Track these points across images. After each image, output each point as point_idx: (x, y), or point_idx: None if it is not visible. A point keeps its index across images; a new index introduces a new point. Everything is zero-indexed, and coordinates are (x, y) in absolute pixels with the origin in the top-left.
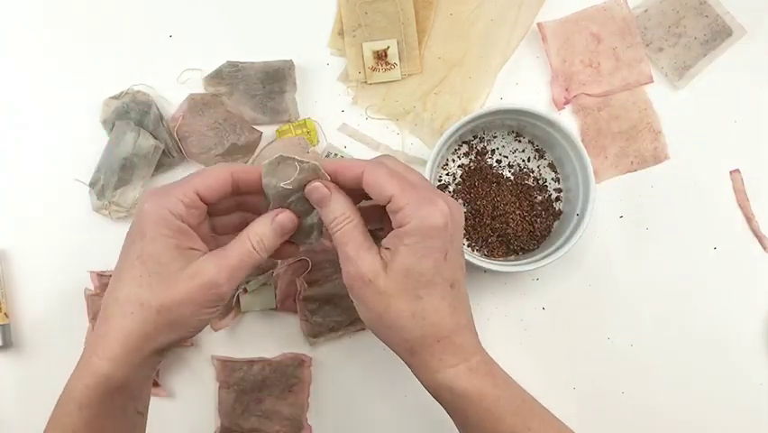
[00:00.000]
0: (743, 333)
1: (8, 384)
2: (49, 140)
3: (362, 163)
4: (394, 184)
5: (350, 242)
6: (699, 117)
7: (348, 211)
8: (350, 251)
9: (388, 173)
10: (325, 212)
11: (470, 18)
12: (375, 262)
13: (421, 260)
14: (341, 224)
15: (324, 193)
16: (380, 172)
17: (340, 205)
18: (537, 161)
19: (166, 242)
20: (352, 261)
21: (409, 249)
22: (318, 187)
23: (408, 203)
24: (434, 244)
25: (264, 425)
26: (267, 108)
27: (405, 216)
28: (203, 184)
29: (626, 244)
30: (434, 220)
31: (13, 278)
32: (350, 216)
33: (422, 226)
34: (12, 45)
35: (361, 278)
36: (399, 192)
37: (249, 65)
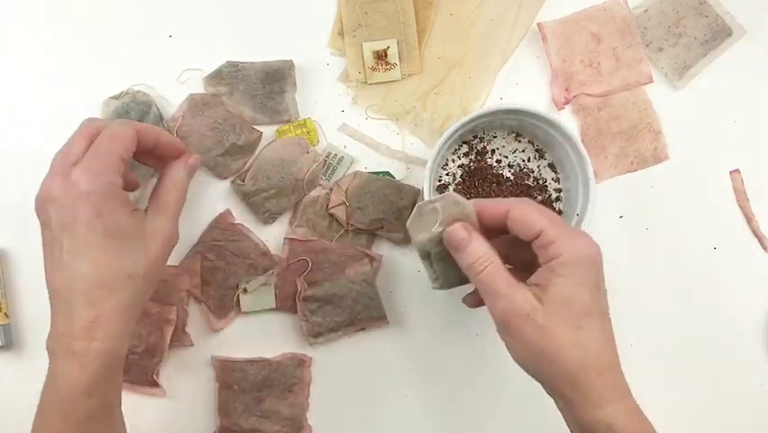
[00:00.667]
0: (743, 333)
1: (8, 384)
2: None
3: (507, 201)
4: (543, 219)
5: (497, 280)
6: (699, 117)
7: (489, 252)
8: (500, 288)
9: (536, 209)
10: (466, 254)
11: (470, 18)
12: (529, 296)
13: (579, 289)
14: (484, 264)
15: (462, 235)
16: (529, 209)
17: (481, 245)
18: (537, 161)
19: (123, 212)
20: (506, 297)
21: (566, 279)
22: (457, 229)
23: (560, 235)
24: (589, 275)
25: (264, 425)
26: (267, 108)
27: (558, 248)
28: (123, 148)
29: (626, 244)
30: (589, 250)
31: (13, 278)
32: (491, 256)
33: (577, 257)
34: (12, 45)
35: (518, 313)
36: (550, 226)
37: (249, 65)
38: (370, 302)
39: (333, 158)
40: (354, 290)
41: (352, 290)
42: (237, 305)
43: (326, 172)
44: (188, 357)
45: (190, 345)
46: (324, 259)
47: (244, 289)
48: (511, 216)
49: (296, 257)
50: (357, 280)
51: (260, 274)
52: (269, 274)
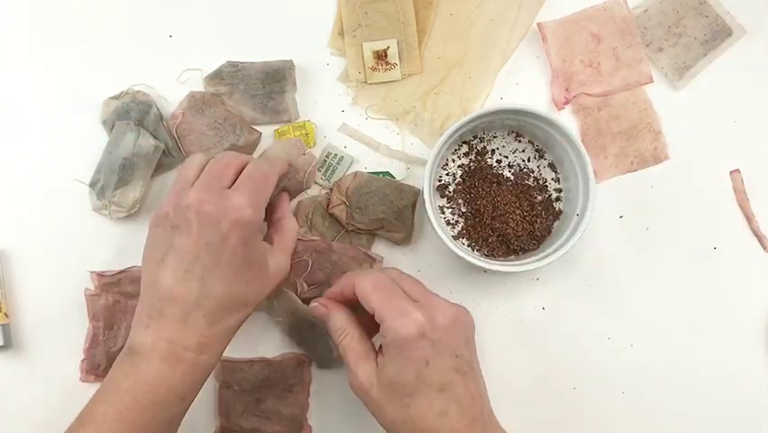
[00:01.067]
0: (743, 333)
1: (8, 384)
2: (49, 140)
3: (355, 277)
4: (375, 297)
5: (349, 353)
6: (699, 117)
7: (345, 325)
8: (350, 361)
9: (372, 286)
10: (328, 328)
11: (470, 18)
12: (370, 372)
13: (401, 371)
14: (340, 336)
15: (322, 312)
16: (365, 286)
17: (338, 319)
18: (537, 161)
19: (262, 247)
20: (352, 371)
21: (391, 361)
22: (316, 306)
23: (386, 316)
24: (412, 355)
25: (264, 425)
26: (267, 108)
27: (384, 330)
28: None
29: (626, 244)
30: (407, 331)
31: (13, 278)
32: (346, 329)
33: (396, 339)
34: (12, 45)
35: (359, 387)
36: (379, 306)
37: (249, 65)
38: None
39: (333, 158)
40: None
41: None
42: None
43: (326, 172)
44: None
45: None
46: (324, 259)
47: None
48: (356, 291)
49: (296, 257)
50: None
51: None
52: None
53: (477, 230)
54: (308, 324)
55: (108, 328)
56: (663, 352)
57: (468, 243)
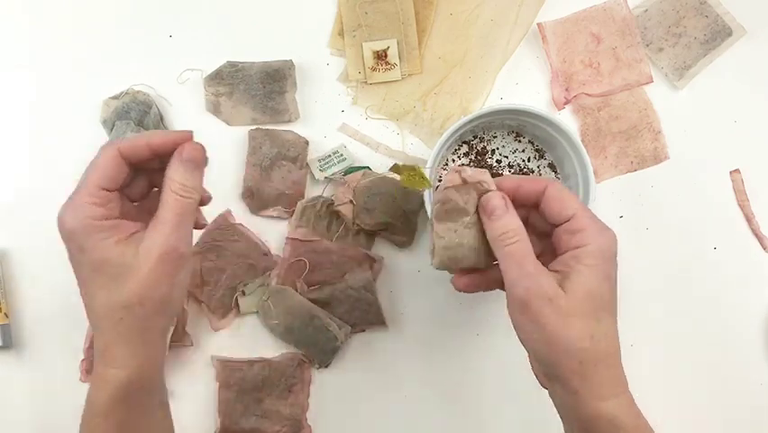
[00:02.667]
0: (743, 333)
1: (8, 384)
2: (49, 140)
3: (542, 180)
4: (576, 203)
5: (526, 257)
6: (699, 117)
7: (521, 228)
8: (528, 266)
9: (571, 194)
10: (498, 224)
11: (470, 18)
12: (553, 281)
13: (602, 282)
14: (513, 238)
15: (499, 203)
16: (565, 190)
17: (515, 219)
18: (537, 161)
19: (106, 243)
20: (531, 277)
21: (590, 270)
22: (494, 196)
23: (590, 224)
24: (611, 269)
25: (264, 425)
26: (267, 108)
27: (587, 237)
28: (101, 176)
29: (626, 244)
30: (614, 246)
31: (13, 278)
32: (523, 232)
33: (604, 250)
34: (12, 45)
35: (542, 295)
36: (582, 213)
37: (249, 65)
38: (369, 308)
39: (337, 155)
40: (353, 296)
41: (350, 296)
42: (237, 305)
43: (323, 163)
44: (188, 357)
45: (190, 345)
46: (325, 259)
47: (242, 291)
48: (548, 193)
49: (297, 257)
50: (356, 287)
51: (260, 274)
52: (266, 276)
53: None
54: (306, 320)
55: None
56: (663, 352)
57: None
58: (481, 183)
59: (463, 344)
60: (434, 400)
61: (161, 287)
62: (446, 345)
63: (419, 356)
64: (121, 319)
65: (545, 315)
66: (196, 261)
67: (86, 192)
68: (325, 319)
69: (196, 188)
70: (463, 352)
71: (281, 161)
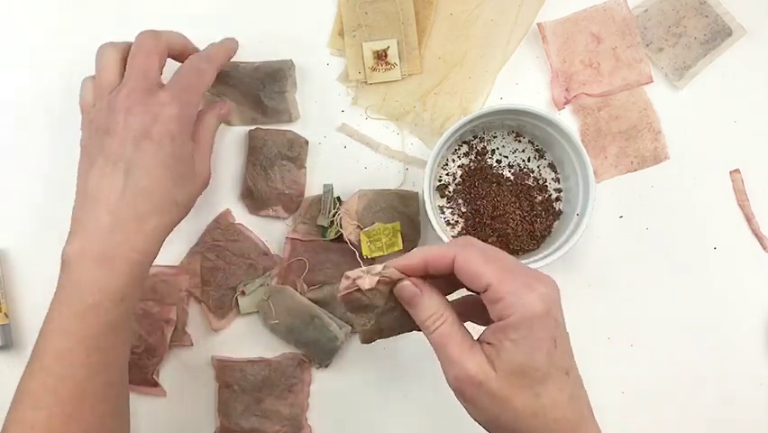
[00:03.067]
0: (743, 333)
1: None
2: (49, 140)
3: (452, 249)
4: (490, 270)
5: (449, 342)
6: (699, 117)
7: (441, 308)
8: (452, 352)
9: (482, 258)
10: (417, 312)
11: (470, 18)
12: (482, 361)
13: (533, 354)
14: (436, 322)
15: (413, 291)
16: (474, 258)
17: (433, 302)
18: (537, 161)
19: (189, 146)
20: (457, 363)
21: (517, 344)
22: (407, 286)
23: (508, 292)
24: (543, 335)
25: (264, 425)
26: (267, 108)
27: (506, 308)
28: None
29: (626, 244)
30: (539, 307)
31: (13, 278)
32: (443, 313)
33: (526, 318)
34: (12, 45)
35: (470, 381)
36: (497, 280)
37: (249, 65)
38: None
39: (327, 195)
40: None
41: None
42: (237, 305)
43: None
44: (188, 357)
45: (190, 345)
46: (325, 259)
47: (242, 291)
48: (457, 266)
49: (297, 257)
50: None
51: (260, 274)
52: (266, 276)
53: (477, 230)
54: (306, 320)
55: None
56: (663, 352)
57: None
58: (383, 276)
59: None
60: (434, 400)
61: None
62: None
63: (419, 356)
64: (168, 212)
65: (480, 400)
66: (195, 261)
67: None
68: (326, 319)
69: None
70: None
71: (281, 160)
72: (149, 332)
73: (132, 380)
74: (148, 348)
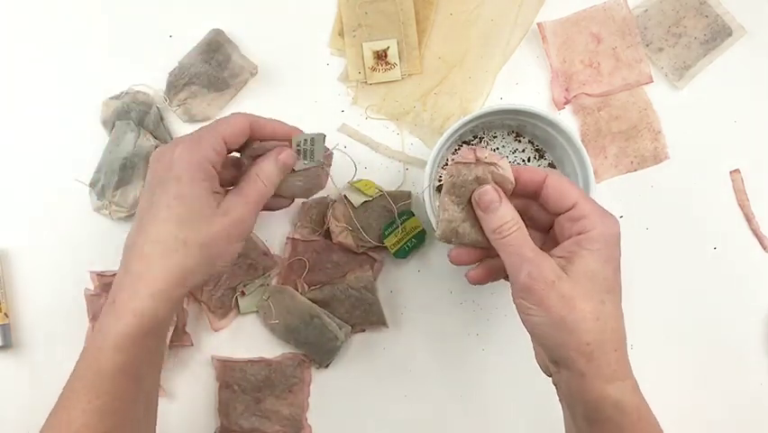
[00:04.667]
0: (743, 333)
1: (8, 384)
2: (49, 140)
3: (541, 170)
4: (577, 192)
5: (524, 244)
6: (699, 117)
7: (517, 217)
8: (527, 252)
9: (570, 182)
10: (494, 217)
11: (470, 18)
12: (554, 265)
13: (605, 265)
14: (512, 228)
15: (494, 197)
16: (564, 180)
17: (510, 210)
18: (537, 161)
19: (202, 185)
20: (532, 262)
21: (593, 254)
22: (488, 191)
23: (592, 211)
24: (615, 253)
25: (264, 425)
26: (224, 79)
27: (589, 223)
28: (229, 132)
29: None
30: (616, 229)
31: (13, 278)
32: (519, 221)
33: (606, 234)
34: (13, 45)
35: (544, 279)
36: (583, 200)
37: (186, 57)
38: (370, 308)
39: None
40: (354, 296)
41: (351, 296)
42: (237, 305)
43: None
44: (188, 357)
45: (190, 345)
46: (326, 259)
47: (242, 291)
48: (549, 183)
49: (297, 257)
50: (357, 287)
51: (260, 274)
52: (265, 276)
53: None
54: (306, 320)
55: None
56: (663, 352)
57: None
58: (495, 166)
59: (463, 343)
60: (434, 400)
61: (220, 244)
62: (446, 346)
63: (419, 356)
64: (175, 251)
65: (549, 298)
66: None
67: (211, 137)
68: (326, 319)
69: (275, 184)
70: (463, 351)
71: None
72: None
73: None
74: None
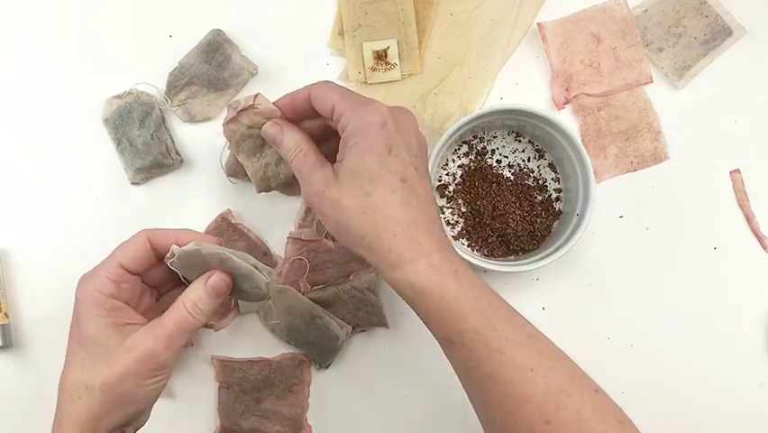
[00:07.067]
0: (743, 333)
1: (8, 384)
2: (49, 139)
3: (304, 90)
4: (335, 94)
5: (303, 166)
6: (699, 117)
7: (299, 141)
8: (304, 172)
9: (330, 87)
10: (281, 147)
11: (470, 18)
12: (326, 174)
13: (364, 157)
14: (294, 153)
15: (275, 130)
16: (324, 87)
17: (291, 137)
18: (537, 161)
19: (99, 321)
20: (307, 180)
21: (352, 149)
22: (270, 125)
23: (347, 107)
24: (375, 141)
25: (264, 425)
26: (225, 79)
27: (345, 120)
28: (124, 256)
29: (626, 244)
30: (372, 118)
31: (13, 278)
32: (300, 145)
33: (361, 125)
34: (13, 44)
35: (315, 192)
36: (339, 100)
37: (185, 58)
38: (372, 309)
39: None
40: (357, 297)
41: (354, 296)
42: (237, 305)
43: None
44: (188, 357)
45: (190, 345)
46: (327, 259)
47: None
48: (312, 95)
49: (298, 256)
50: (360, 288)
51: None
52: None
53: (477, 230)
54: (307, 320)
55: None
56: (663, 352)
57: (468, 243)
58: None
59: None
60: (434, 401)
61: (128, 383)
62: None
63: (419, 356)
64: (79, 398)
65: (324, 206)
66: None
67: (104, 266)
68: (326, 319)
69: (206, 314)
70: None
71: None
72: None
73: None
74: None
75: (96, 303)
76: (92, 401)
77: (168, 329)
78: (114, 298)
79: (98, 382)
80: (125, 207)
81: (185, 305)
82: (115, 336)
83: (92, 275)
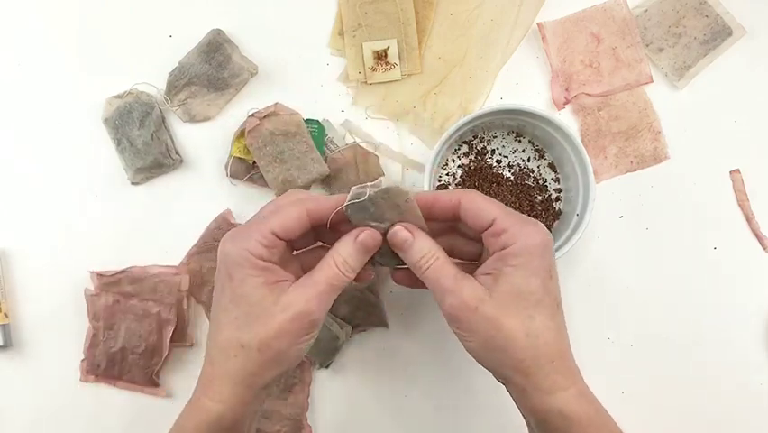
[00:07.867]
0: (743, 333)
1: (8, 384)
2: (49, 139)
3: (457, 192)
4: (495, 208)
5: (443, 276)
6: (699, 117)
7: (433, 248)
8: (446, 283)
9: (485, 199)
10: (411, 253)
11: (470, 18)
12: (477, 288)
13: (530, 279)
14: (429, 261)
15: (405, 236)
16: (479, 198)
17: (425, 243)
18: (537, 161)
19: (253, 281)
20: (452, 292)
21: (516, 269)
22: (398, 231)
23: (512, 224)
24: (541, 263)
25: (264, 425)
26: (225, 79)
27: (510, 237)
28: (279, 224)
29: (626, 244)
30: (539, 239)
31: (13, 278)
32: (435, 252)
33: (528, 246)
34: (13, 44)
35: (466, 306)
36: (502, 215)
37: (185, 58)
38: (372, 309)
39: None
40: (357, 297)
41: (354, 297)
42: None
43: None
44: (188, 357)
45: (190, 345)
46: None
47: None
48: (463, 205)
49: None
50: (360, 288)
51: None
52: None
53: None
54: None
55: (108, 328)
56: (663, 352)
57: None
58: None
59: None
60: (434, 401)
61: (283, 342)
62: (446, 346)
63: (419, 356)
64: (235, 357)
65: (475, 322)
66: (196, 261)
67: (258, 230)
68: (327, 319)
69: (355, 270)
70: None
71: None
72: (149, 332)
73: (132, 379)
74: (148, 348)
75: (248, 262)
76: (248, 360)
77: (320, 287)
78: (263, 260)
79: (255, 341)
80: (125, 207)
81: (335, 261)
82: (269, 296)
83: (244, 235)
